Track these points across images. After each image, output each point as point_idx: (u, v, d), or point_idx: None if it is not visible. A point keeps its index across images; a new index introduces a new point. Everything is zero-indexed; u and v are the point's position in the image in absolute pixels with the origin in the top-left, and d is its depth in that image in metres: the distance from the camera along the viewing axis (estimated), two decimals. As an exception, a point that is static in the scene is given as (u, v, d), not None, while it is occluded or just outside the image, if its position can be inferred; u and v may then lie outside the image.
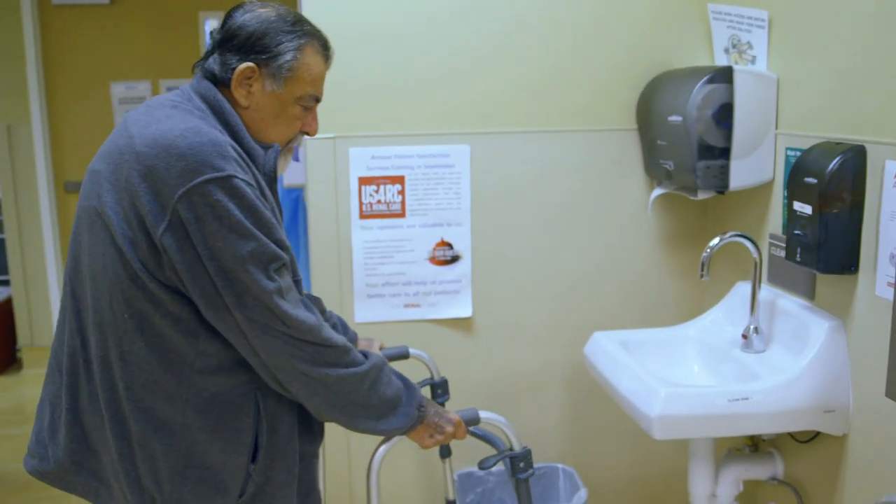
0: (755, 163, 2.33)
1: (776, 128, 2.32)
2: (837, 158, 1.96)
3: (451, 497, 2.27)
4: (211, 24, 4.82)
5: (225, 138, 1.48)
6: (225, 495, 1.55)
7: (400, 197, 2.53)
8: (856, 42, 1.98)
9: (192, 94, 1.59)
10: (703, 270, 2.21)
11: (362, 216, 2.52)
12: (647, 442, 2.79)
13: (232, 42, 1.58)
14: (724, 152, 2.32)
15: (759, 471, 2.35)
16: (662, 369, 2.33)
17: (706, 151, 2.32)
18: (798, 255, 2.07)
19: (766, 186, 2.37)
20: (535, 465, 2.70)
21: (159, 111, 1.53)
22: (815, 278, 2.18)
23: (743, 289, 2.45)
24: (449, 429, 1.76)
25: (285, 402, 1.61)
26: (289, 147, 1.69)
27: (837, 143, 2.01)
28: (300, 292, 1.63)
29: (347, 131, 2.49)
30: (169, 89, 4.78)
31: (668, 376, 2.26)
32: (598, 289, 2.71)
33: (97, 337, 1.53)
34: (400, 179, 2.53)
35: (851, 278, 2.02)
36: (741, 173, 2.33)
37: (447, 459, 2.25)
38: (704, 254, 2.20)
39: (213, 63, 1.60)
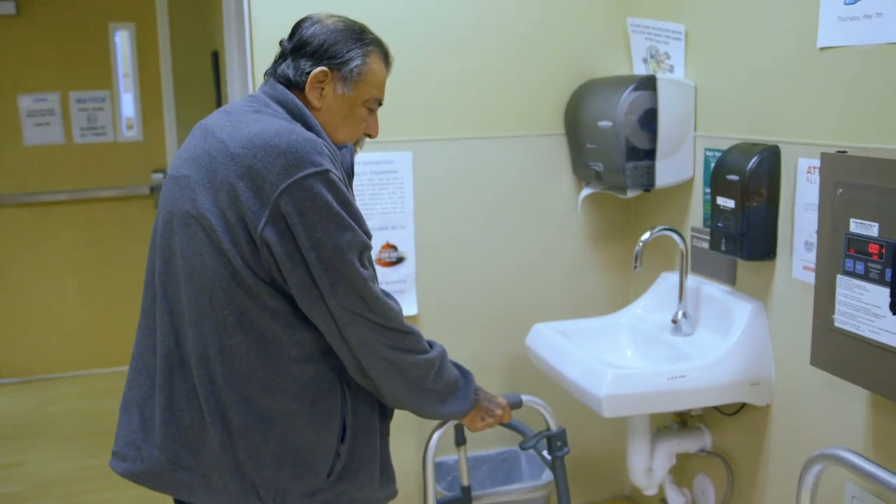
0: (677, 163, 2.55)
1: (695, 130, 2.54)
2: (756, 157, 2.18)
3: (465, 483, 2.36)
4: (121, 36, 4.80)
5: (317, 137, 1.59)
6: (316, 475, 1.64)
7: (347, 202, 2.65)
8: (764, 52, 2.22)
9: (267, 99, 1.68)
10: (636, 262, 2.42)
11: (312, 221, 2.63)
12: (589, 424, 2.98)
13: (305, 49, 1.69)
14: (650, 154, 2.53)
15: (689, 444, 2.57)
16: (600, 355, 2.51)
17: (634, 153, 2.53)
18: (723, 245, 2.29)
19: (687, 184, 2.59)
20: (500, 450, 2.89)
21: (244, 116, 1.62)
22: (735, 266, 2.41)
23: (668, 278, 2.67)
24: (498, 412, 1.90)
25: (364, 387, 1.72)
26: (354, 148, 1.80)
27: (754, 144, 2.24)
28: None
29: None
30: (80, 101, 4.79)
31: (608, 361, 2.45)
32: (533, 283, 2.89)
33: (195, 334, 1.59)
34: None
35: (770, 264, 2.25)
36: (665, 172, 2.54)
37: (462, 447, 2.34)
38: (637, 247, 2.41)
39: (287, 69, 1.70)
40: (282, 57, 1.74)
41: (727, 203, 2.25)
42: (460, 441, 2.31)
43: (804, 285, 2.13)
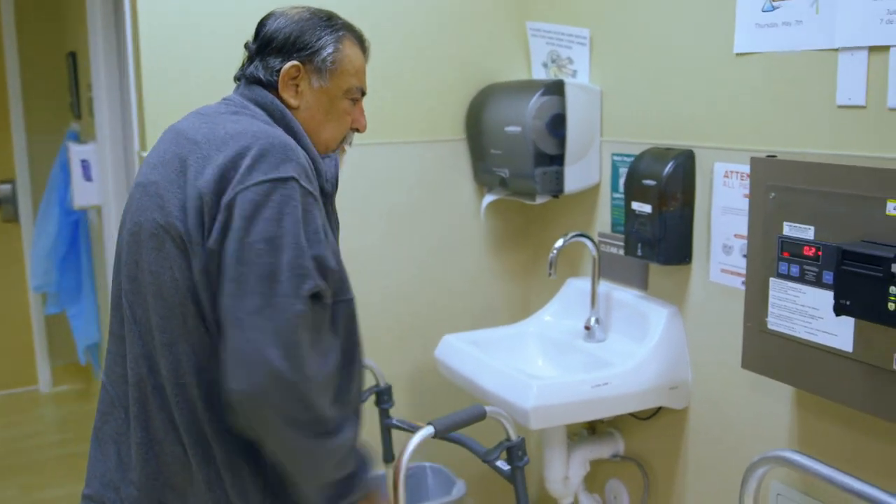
0: (584, 168, 2.54)
1: (601, 135, 2.54)
2: (671, 162, 2.19)
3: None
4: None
5: (297, 145, 1.44)
6: None
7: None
8: (678, 57, 2.23)
9: (244, 101, 1.55)
10: (550, 269, 2.39)
11: (207, 234, 2.45)
12: (500, 434, 2.92)
13: (271, 45, 1.56)
14: (558, 159, 2.51)
15: (602, 450, 2.56)
16: (514, 365, 2.47)
17: (542, 159, 2.50)
18: (639, 250, 2.29)
19: (593, 189, 2.59)
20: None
21: (221, 118, 1.48)
22: (647, 271, 2.42)
23: (574, 284, 2.66)
24: None
25: None
26: (342, 147, 1.65)
27: (667, 149, 2.25)
28: (351, 312, 1.54)
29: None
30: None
31: (526, 371, 2.41)
32: (435, 293, 2.82)
33: (169, 358, 1.42)
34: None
35: (685, 268, 2.27)
36: (573, 178, 2.53)
37: (392, 464, 2.25)
38: (551, 254, 2.38)
39: (256, 70, 1.57)
40: (249, 59, 1.61)
41: (643, 208, 2.25)
42: (388, 458, 2.22)
43: (723, 288, 2.15)
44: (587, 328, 2.48)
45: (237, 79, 1.63)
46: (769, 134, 1.99)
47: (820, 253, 1.72)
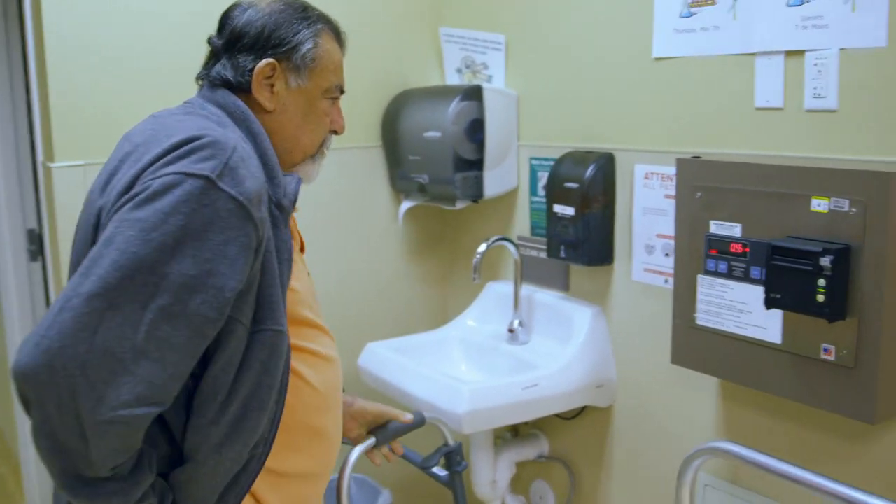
0: (503, 172, 2.56)
1: (518, 140, 2.57)
2: (592, 165, 2.24)
3: None
4: None
5: (239, 145, 1.26)
6: None
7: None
8: (596, 62, 2.28)
9: (203, 102, 1.41)
10: (475, 273, 2.40)
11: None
12: (422, 441, 2.90)
13: (241, 42, 1.41)
14: (478, 164, 2.52)
15: (527, 452, 2.58)
16: (440, 370, 2.46)
17: (462, 164, 2.51)
18: (562, 252, 2.32)
19: (511, 193, 2.61)
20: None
21: (170, 119, 1.34)
22: (568, 272, 2.46)
23: (494, 288, 2.68)
24: None
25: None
26: (321, 151, 1.52)
27: (588, 152, 2.30)
28: (275, 346, 1.30)
29: (98, 157, 2.31)
30: None
31: (454, 376, 2.41)
32: (353, 301, 2.78)
33: None
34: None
35: (608, 269, 2.31)
36: (492, 182, 2.55)
37: None
38: (475, 259, 2.40)
39: (223, 69, 1.42)
40: (214, 56, 1.46)
41: (566, 210, 2.28)
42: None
43: (646, 287, 2.21)
44: (511, 331, 2.50)
45: (199, 79, 1.48)
46: (690, 136, 2.05)
47: (747, 249, 1.79)
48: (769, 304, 1.69)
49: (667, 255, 2.13)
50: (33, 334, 1.09)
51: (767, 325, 1.76)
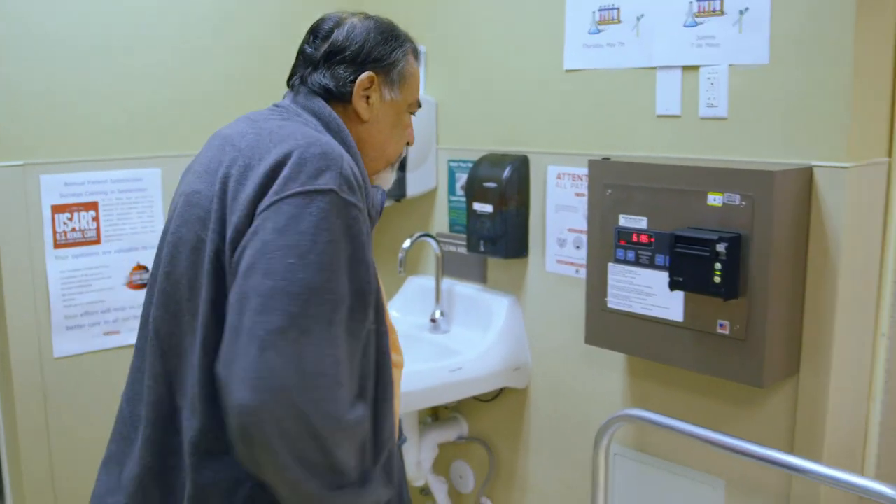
0: (423, 174, 2.76)
1: (437, 143, 2.76)
2: (509, 166, 2.45)
3: None
4: None
5: (344, 152, 1.33)
6: None
7: (95, 223, 2.49)
8: (512, 72, 2.50)
9: (298, 109, 1.46)
10: (400, 267, 2.58)
11: (57, 245, 2.43)
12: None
13: (343, 55, 1.48)
14: (400, 166, 2.70)
15: (448, 434, 2.78)
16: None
17: (386, 166, 2.69)
18: (481, 247, 2.53)
19: (431, 193, 2.81)
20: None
21: (269, 123, 1.39)
22: (486, 265, 2.67)
23: (415, 282, 2.87)
24: None
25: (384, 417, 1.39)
26: (398, 160, 1.61)
27: (504, 154, 2.51)
28: (383, 342, 1.38)
29: (37, 157, 2.39)
30: None
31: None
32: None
33: (193, 381, 1.30)
34: (94, 206, 2.49)
35: (523, 261, 2.53)
36: (414, 183, 2.73)
37: None
38: (400, 255, 2.58)
39: (323, 78, 1.47)
40: (310, 65, 1.50)
41: (485, 208, 2.49)
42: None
43: (558, 277, 2.43)
44: (433, 321, 2.69)
45: (292, 85, 1.53)
46: (599, 140, 2.29)
47: (652, 240, 2.03)
48: (673, 286, 1.94)
49: (577, 247, 2.36)
50: (242, 379, 1.14)
51: (671, 305, 2.01)
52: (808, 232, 1.90)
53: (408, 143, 1.62)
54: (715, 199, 1.90)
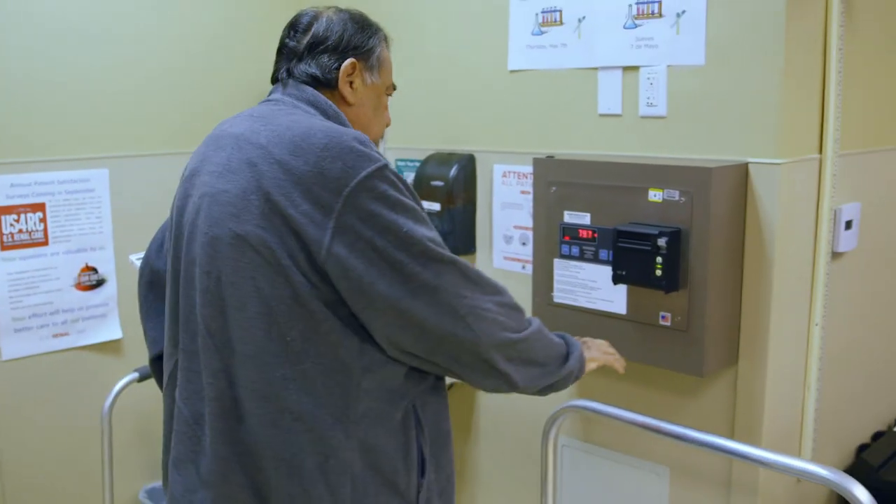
0: (372, 173, 2.78)
1: (385, 143, 2.80)
2: (455, 165, 2.50)
3: None
4: None
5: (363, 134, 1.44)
6: None
7: (42, 225, 2.48)
8: (458, 74, 2.55)
9: (295, 101, 1.53)
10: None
11: (3, 247, 2.42)
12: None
13: (325, 44, 1.56)
14: (349, 165, 2.73)
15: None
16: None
17: (334, 165, 2.71)
18: (430, 244, 2.56)
19: (379, 192, 2.83)
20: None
21: (279, 118, 1.45)
22: (435, 263, 2.70)
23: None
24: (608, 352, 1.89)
25: (440, 411, 1.56)
26: (378, 141, 1.67)
27: (450, 154, 2.56)
28: None
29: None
30: None
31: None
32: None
33: (252, 370, 1.38)
34: (41, 207, 2.48)
35: (470, 258, 2.58)
36: (363, 182, 2.76)
37: None
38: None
39: (309, 67, 1.55)
40: (294, 57, 1.58)
41: (433, 206, 2.53)
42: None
43: (505, 272, 2.48)
44: (383, 318, 2.72)
45: (279, 78, 1.59)
46: (543, 139, 2.34)
47: (596, 235, 2.09)
48: (616, 280, 2.00)
49: (523, 244, 2.42)
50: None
51: (614, 298, 2.07)
52: (744, 226, 1.97)
53: (386, 124, 1.73)
54: (655, 196, 1.96)
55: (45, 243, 2.49)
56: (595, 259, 2.10)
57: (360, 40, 1.59)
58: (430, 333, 1.40)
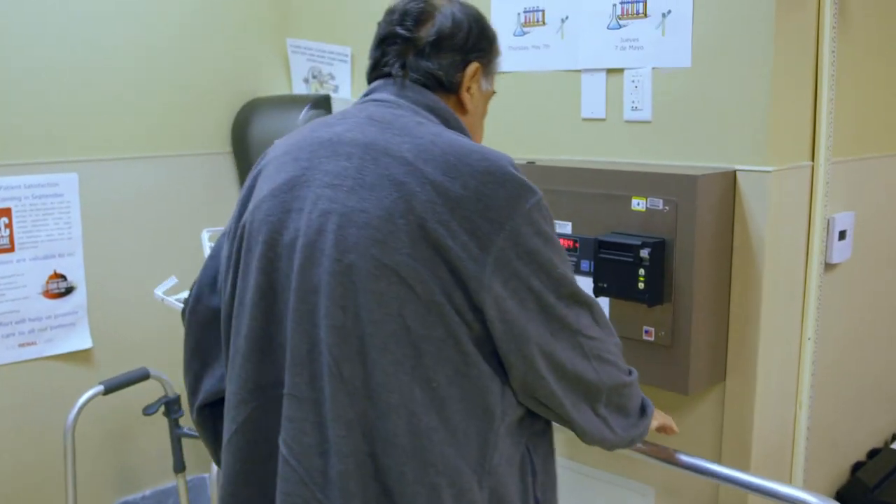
0: (352, 178, 2.70)
1: (366, 147, 2.71)
2: (437, 170, 2.41)
3: None
4: None
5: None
6: None
7: (7, 231, 2.40)
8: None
9: (414, 107, 1.31)
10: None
11: (-34, 254, 2.34)
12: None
13: (452, 41, 1.34)
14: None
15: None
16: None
17: (313, 170, 2.63)
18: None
19: (360, 198, 2.75)
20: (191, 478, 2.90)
21: (412, 128, 1.25)
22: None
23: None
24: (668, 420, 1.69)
25: (550, 453, 1.41)
26: None
27: (432, 158, 2.47)
28: None
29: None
30: None
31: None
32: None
33: (396, 422, 1.17)
34: (6, 212, 2.39)
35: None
36: (342, 187, 2.67)
37: (182, 474, 2.36)
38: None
39: (432, 66, 1.33)
40: (412, 50, 1.34)
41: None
42: (179, 468, 2.24)
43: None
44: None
45: (390, 74, 1.35)
46: (525, 144, 2.25)
47: (577, 245, 2.00)
48: (597, 292, 1.91)
49: (506, 252, 2.32)
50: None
51: (596, 312, 1.98)
52: (732, 236, 1.88)
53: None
54: (639, 204, 1.88)
55: (11, 249, 2.41)
56: (576, 270, 2.00)
57: (486, 42, 1.40)
58: (567, 377, 1.27)
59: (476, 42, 1.37)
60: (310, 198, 1.21)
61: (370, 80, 1.40)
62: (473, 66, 1.36)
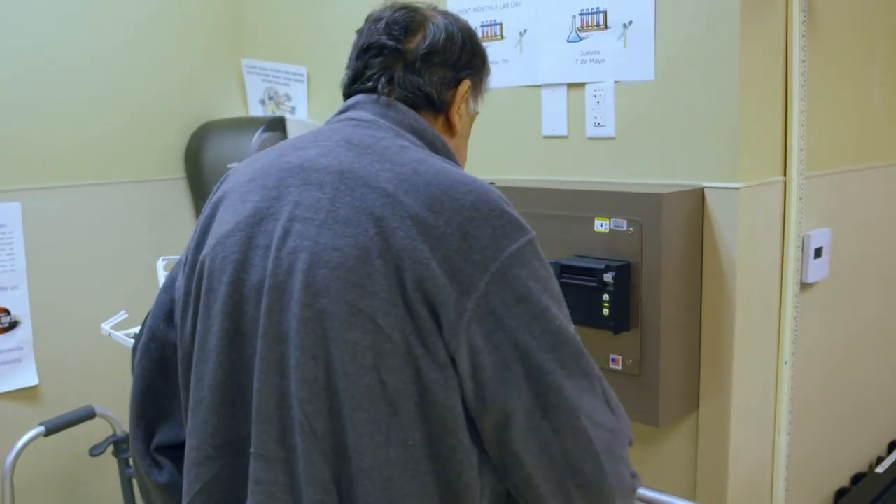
0: (310, 202, 2.59)
1: (325, 169, 2.61)
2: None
3: None
4: None
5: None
6: None
7: (-56, 265, 2.28)
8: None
9: (397, 128, 1.17)
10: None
11: None
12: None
13: (444, 56, 1.22)
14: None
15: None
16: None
17: (268, 194, 2.52)
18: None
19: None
20: None
21: (393, 153, 1.10)
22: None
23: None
24: None
25: None
26: None
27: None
28: None
29: None
30: None
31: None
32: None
33: (369, 485, 1.03)
34: (-57, 245, 2.28)
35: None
36: (300, 212, 2.57)
37: None
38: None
39: (422, 83, 1.20)
40: (399, 63, 1.21)
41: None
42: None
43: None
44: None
45: (375, 90, 1.21)
46: (484, 164, 2.14)
47: (540, 269, 1.89)
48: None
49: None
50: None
51: (561, 339, 1.87)
52: (701, 257, 1.79)
53: None
54: (602, 225, 1.78)
55: (-51, 284, 2.29)
56: (540, 295, 1.90)
57: (479, 59, 1.27)
58: (554, 465, 1.05)
59: (469, 59, 1.25)
60: (277, 233, 1.08)
61: (348, 94, 1.26)
62: (465, 85, 1.24)
